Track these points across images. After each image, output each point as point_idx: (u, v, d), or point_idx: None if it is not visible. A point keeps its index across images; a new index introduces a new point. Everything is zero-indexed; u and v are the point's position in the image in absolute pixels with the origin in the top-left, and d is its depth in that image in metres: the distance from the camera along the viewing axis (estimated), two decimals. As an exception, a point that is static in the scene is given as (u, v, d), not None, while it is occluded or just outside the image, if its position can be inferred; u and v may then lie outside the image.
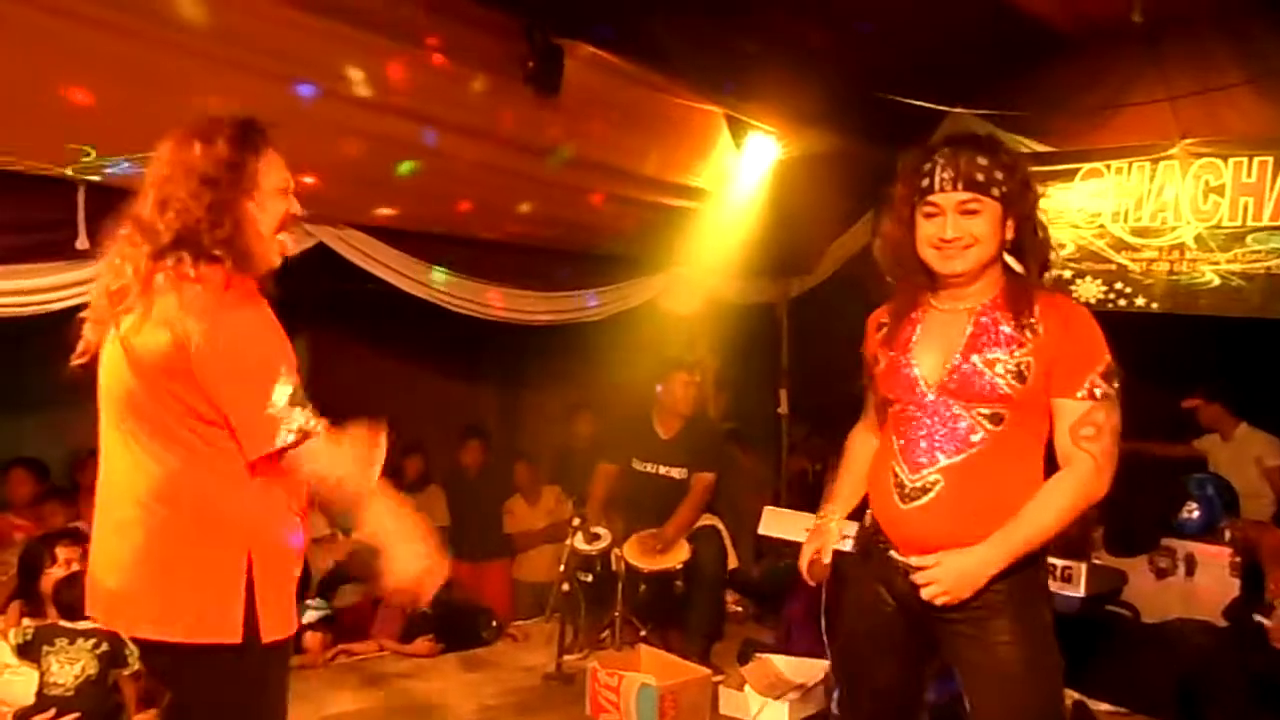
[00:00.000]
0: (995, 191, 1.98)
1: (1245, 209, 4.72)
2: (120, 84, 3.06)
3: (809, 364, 6.12)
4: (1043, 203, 2.14)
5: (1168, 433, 5.18)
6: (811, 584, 2.25)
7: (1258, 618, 3.98)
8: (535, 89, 3.98)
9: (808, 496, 5.50)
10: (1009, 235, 2.03)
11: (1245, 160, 4.71)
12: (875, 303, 2.28)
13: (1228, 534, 4.56)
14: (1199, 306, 4.82)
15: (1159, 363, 4.93)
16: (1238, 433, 5.07)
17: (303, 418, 1.74)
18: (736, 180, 5.10)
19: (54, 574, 3.43)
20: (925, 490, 2.01)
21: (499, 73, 3.93)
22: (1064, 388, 1.97)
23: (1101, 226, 5.11)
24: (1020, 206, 2.02)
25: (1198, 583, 4.40)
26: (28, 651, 3.23)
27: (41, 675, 3.18)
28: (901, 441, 2.07)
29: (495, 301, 4.66)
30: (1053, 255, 2.11)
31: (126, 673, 3.36)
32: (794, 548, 4.31)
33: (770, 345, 6.22)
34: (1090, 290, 5.04)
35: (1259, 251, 4.66)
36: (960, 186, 1.98)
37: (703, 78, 4.62)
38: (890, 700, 2.18)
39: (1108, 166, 5.10)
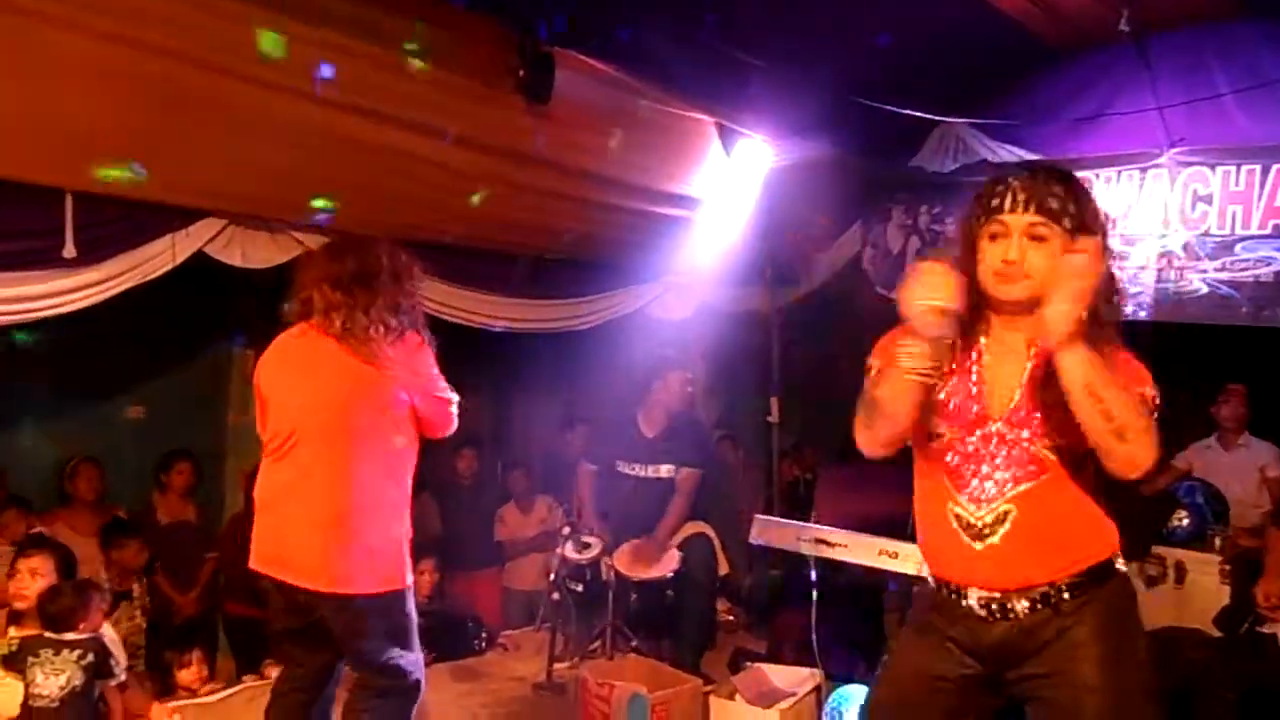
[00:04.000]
0: (1067, 222, 1.86)
1: (1234, 217, 4.75)
2: (111, 95, 3.06)
3: (799, 372, 6.13)
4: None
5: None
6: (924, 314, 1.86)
7: (1262, 629, 3.96)
8: (526, 97, 3.99)
9: (798, 505, 5.49)
10: None
11: (1234, 169, 4.74)
12: (864, 312, 2.23)
13: (1218, 542, 4.57)
14: (1187, 315, 4.84)
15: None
16: (1242, 440, 5.04)
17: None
18: (728, 189, 5.10)
19: (15, 586, 3.37)
20: (999, 522, 1.91)
21: (490, 81, 3.93)
22: None
23: (1091, 235, 5.13)
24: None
25: (1188, 591, 4.41)
26: (13, 662, 3.21)
27: (27, 686, 3.17)
28: (957, 480, 1.97)
29: (487, 310, 4.66)
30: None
31: (113, 683, 3.36)
32: (785, 556, 4.34)
33: (761, 354, 6.22)
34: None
35: (1248, 260, 4.68)
36: (1032, 209, 1.86)
37: (694, 86, 4.63)
38: None
39: (1097, 175, 5.12)
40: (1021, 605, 1.91)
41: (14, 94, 2.90)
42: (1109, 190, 5.10)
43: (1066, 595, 1.90)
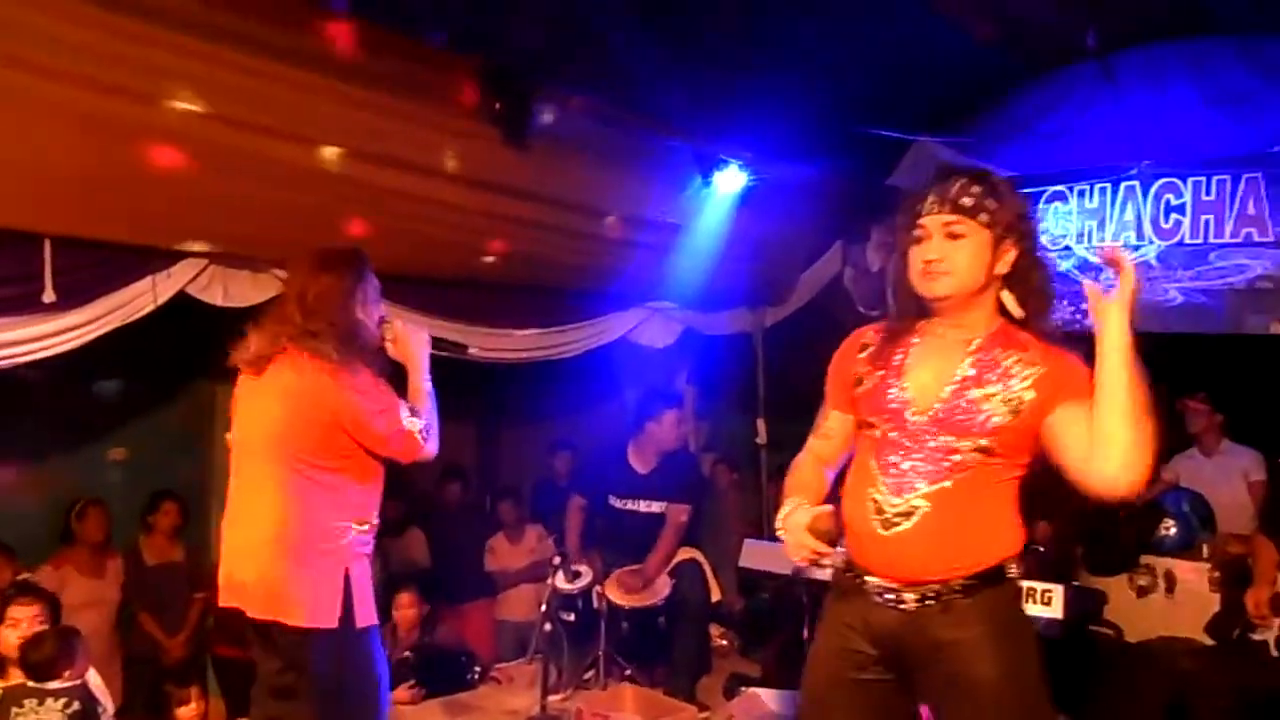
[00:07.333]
0: (983, 217, 1.96)
1: (1206, 227, 4.81)
2: (87, 139, 3.06)
3: (786, 393, 6.14)
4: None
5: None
6: (822, 549, 2.02)
7: (1253, 636, 3.96)
8: (503, 130, 4.01)
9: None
10: (1003, 270, 1.99)
11: (1204, 179, 4.81)
12: (847, 330, 2.24)
13: (1206, 550, 4.59)
14: (1164, 325, 4.88)
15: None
16: (1222, 447, 5.08)
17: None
18: (708, 213, 5.13)
19: (5, 634, 3.34)
20: (908, 515, 1.96)
21: (468, 115, 3.95)
22: (1078, 395, 1.90)
23: (1067, 248, 5.19)
24: (1015, 237, 1.98)
25: (1178, 600, 4.42)
26: (-3, 714, 3.17)
27: (11, 737, 3.12)
28: (882, 465, 2.01)
29: (470, 341, 4.64)
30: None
31: (99, 731, 3.32)
32: (776, 579, 4.33)
33: (746, 376, 6.23)
34: (1056, 311, 5.10)
35: (1222, 268, 4.74)
36: (947, 209, 1.97)
37: (672, 113, 4.67)
38: None
39: (1070, 189, 5.19)
40: (911, 598, 1.97)
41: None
42: (1082, 204, 5.17)
43: (959, 595, 1.95)
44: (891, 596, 1.99)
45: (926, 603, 1.96)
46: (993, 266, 1.98)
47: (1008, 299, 2.01)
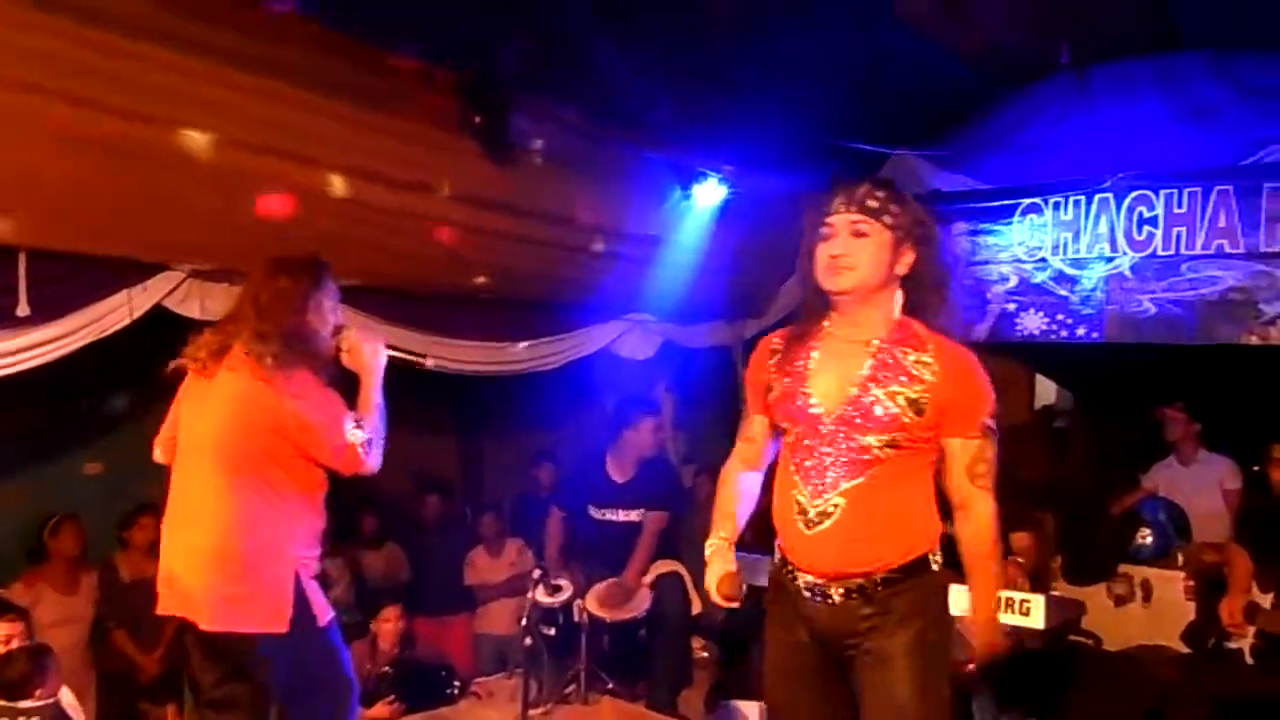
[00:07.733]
0: (886, 219, 2.08)
1: (1179, 239, 4.88)
2: (63, 151, 3.04)
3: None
4: (986, 239, 2.19)
5: (1112, 460, 5.24)
6: (726, 604, 2.23)
7: (1228, 644, 4.00)
8: (483, 143, 4.02)
9: (769, 538, 5.48)
10: (901, 270, 2.12)
11: (1176, 191, 4.88)
12: None
13: (1181, 558, 4.63)
14: (1137, 335, 4.95)
15: (1104, 392, 5.01)
16: (1200, 456, 5.14)
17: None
18: (688, 225, 5.15)
19: None
20: (828, 514, 2.08)
21: (448, 129, 3.95)
22: (960, 428, 2.09)
23: (1043, 260, 5.24)
24: (914, 242, 2.11)
25: (1155, 609, 4.46)
26: (-33, 734, 3.12)
27: (-18, 758, 3.08)
28: (801, 469, 2.14)
29: (450, 354, 4.63)
30: (992, 292, 2.17)
31: (73, 750, 3.27)
32: (756, 591, 4.33)
33: (726, 388, 6.24)
34: (1033, 322, 5.16)
35: (1193, 279, 4.81)
36: (854, 209, 2.10)
37: (652, 125, 4.69)
38: None
39: (1045, 201, 5.25)
40: (838, 592, 2.11)
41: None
42: (1058, 216, 5.23)
43: (880, 587, 2.09)
44: (819, 591, 2.12)
45: (851, 596, 2.09)
46: (892, 266, 2.11)
47: (898, 300, 2.15)
